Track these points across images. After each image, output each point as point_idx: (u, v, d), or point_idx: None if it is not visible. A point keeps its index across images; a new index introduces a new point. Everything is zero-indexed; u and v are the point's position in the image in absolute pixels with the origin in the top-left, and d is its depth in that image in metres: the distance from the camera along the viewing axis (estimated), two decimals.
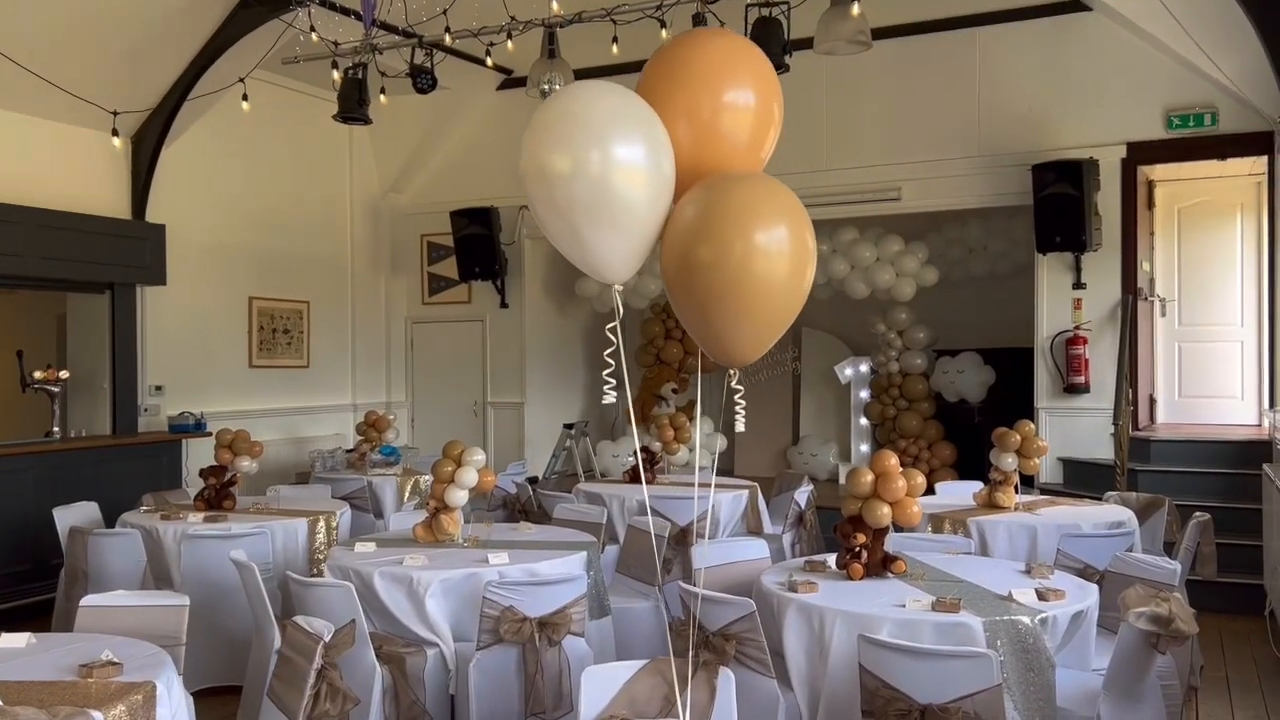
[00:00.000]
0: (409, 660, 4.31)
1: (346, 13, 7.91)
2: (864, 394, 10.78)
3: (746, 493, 6.98)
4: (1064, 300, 8.64)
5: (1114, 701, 3.73)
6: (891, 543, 4.54)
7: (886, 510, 4.17)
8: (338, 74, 8.03)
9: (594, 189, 2.61)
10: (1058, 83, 8.63)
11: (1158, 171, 8.94)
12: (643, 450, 7.53)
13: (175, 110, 8.59)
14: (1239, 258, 9.21)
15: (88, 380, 8.58)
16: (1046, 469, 8.50)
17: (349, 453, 8.77)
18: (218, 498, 6.29)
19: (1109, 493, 6.55)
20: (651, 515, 6.06)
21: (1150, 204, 9.15)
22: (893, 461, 4.23)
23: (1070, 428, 8.60)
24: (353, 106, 8.04)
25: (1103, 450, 8.30)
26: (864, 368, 10.80)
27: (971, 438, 9.67)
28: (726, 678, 3.24)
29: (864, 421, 10.78)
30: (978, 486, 6.26)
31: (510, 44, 7.68)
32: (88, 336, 8.66)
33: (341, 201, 10.92)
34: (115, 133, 8.21)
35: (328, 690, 3.44)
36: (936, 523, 5.69)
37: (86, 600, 3.91)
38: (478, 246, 10.47)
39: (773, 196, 2.75)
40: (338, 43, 7.96)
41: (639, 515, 6.11)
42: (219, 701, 5.22)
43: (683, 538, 6.11)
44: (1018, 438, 5.89)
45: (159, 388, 8.92)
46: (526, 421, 10.86)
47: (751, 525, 6.92)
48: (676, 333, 11.34)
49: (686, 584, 4.19)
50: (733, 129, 2.81)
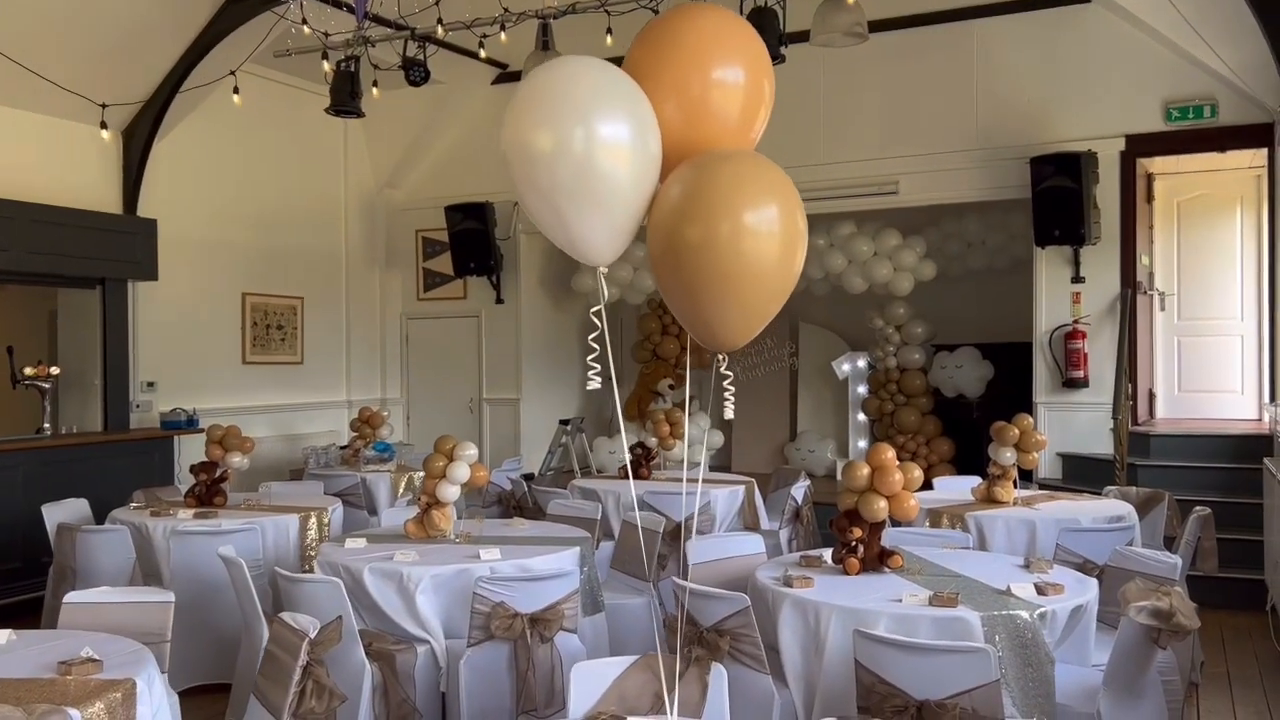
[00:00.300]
0: (399, 657, 4.25)
1: (339, 5, 7.86)
2: (862, 389, 10.72)
3: (743, 488, 6.96)
4: (1063, 294, 8.59)
5: (1114, 697, 3.67)
6: (888, 537, 4.49)
7: (883, 504, 4.12)
8: (329, 66, 7.97)
9: (577, 168, 2.53)
10: (1056, 75, 8.57)
11: (1157, 164, 8.89)
12: (639, 446, 7.49)
13: (167, 104, 8.53)
14: (1239, 251, 9.15)
15: (79, 376, 8.51)
16: (1045, 464, 8.47)
17: (343, 449, 8.72)
18: (208, 494, 6.24)
19: (1108, 487, 6.50)
20: (648, 511, 6.04)
21: (1149, 197, 9.10)
22: (889, 455, 4.17)
23: (1069, 422, 8.55)
24: (345, 99, 8.00)
25: (1102, 445, 8.26)
26: (861, 363, 10.74)
27: (970, 433, 9.64)
28: (719, 674, 3.18)
29: (862, 417, 10.73)
30: (976, 481, 6.21)
31: (504, 36, 7.64)
32: (79, 332, 8.58)
33: (336, 196, 10.85)
34: (104, 125, 8.14)
35: (313, 687, 3.38)
36: (935, 518, 5.64)
37: (70, 597, 3.87)
38: (473, 242, 10.42)
39: (761, 174, 2.68)
40: (329, 34, 7.90)
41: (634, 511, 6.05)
42: (208, 699, 5.17)
43: (678, 533, 6.06)
44: (1016, 432, 5.86)
45: (151, 384, 8.85)
46: (522, 417, 10.80)
47: (748, 521, 6.89)
48: (674, 329, 11.27)
49: (681, 580, 4.14)
50: (723, 107, 2.73)
